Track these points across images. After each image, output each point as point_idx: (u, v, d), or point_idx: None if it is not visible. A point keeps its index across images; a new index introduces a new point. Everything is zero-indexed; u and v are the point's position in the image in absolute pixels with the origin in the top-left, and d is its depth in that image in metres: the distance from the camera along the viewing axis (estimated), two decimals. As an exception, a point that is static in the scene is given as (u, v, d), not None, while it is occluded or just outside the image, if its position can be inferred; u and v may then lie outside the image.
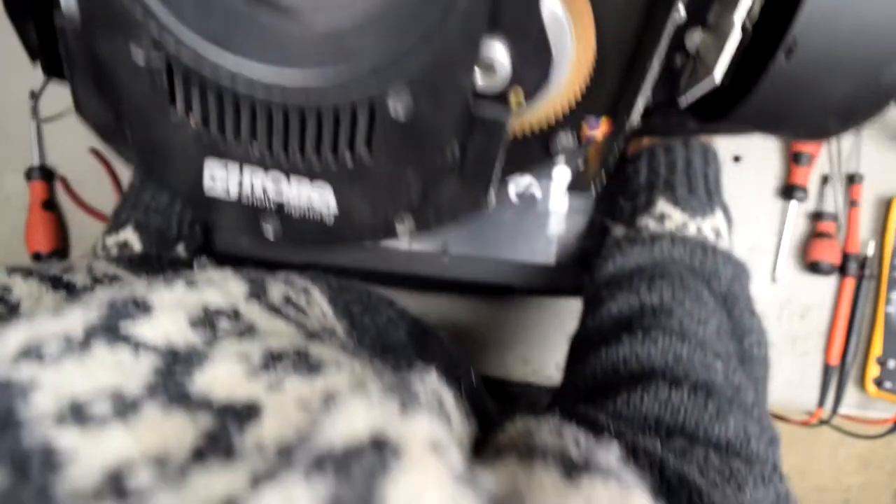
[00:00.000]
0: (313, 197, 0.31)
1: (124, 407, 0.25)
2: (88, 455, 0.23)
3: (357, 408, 0.23)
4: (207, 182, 0.30)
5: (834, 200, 0.85)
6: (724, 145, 0.86)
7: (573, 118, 0.32)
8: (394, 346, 0.55)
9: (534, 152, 0.33)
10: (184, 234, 0.76)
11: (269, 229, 0.32)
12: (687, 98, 0.35)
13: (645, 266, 0.60)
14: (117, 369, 0.27)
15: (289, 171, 0.30)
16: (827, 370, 0.85)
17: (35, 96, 0.87)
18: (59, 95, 0.87)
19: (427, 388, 0.27)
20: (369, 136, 0.28)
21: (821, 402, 0.85)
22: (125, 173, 0.88)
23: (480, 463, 0.27)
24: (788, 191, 0.85)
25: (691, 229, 0.63)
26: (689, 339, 0.52)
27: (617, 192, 0.72)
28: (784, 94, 0.33)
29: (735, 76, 0.34)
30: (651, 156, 0.68)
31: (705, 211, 0.64)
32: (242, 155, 0.30)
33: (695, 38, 0.35)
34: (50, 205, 0.88)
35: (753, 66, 0.33)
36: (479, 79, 0.28)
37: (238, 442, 0.24)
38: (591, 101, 0.31)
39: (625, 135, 0.32)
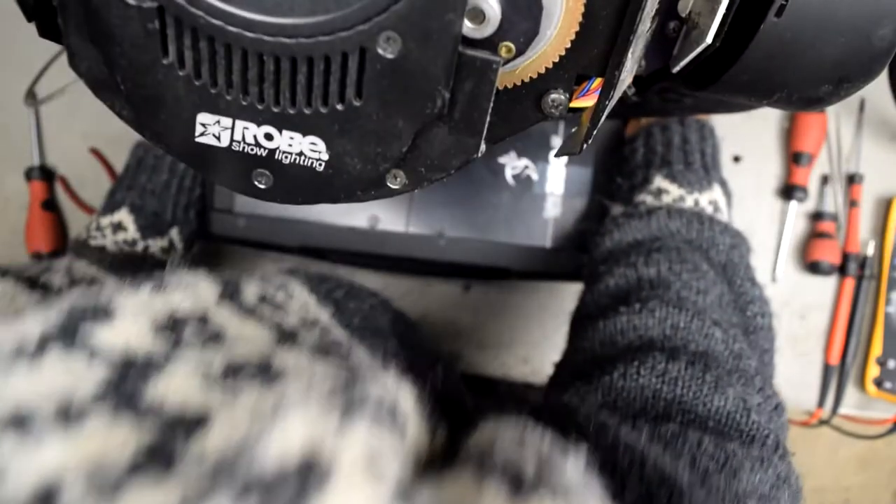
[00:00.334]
0: (305, 150, 0.31)
1: (69, 414, 0.25)
2: (21, 468, 0.22)
3: (296, 421, 0.23)
4: (199, 136, 0.31)
5: (834, 200, 0.85)
6: (724, 145, 0.86)
7: (563, 73, 0.32)
8: (380, 330, 0.55)
9: (526, 111, 0.33)
10: (178, 218, 0.76)
11: (261, 184, 0.32)
12: (680, 63, 0.36)
13: (642, 240, 0.60)
14: (68, 376, 0.27)
15: (281, 123, 0.30)
16: (827, 370, 0.85)
17: (33, 95, 0.88)
18: (58, 96, 0.88)
19: (379, 392, 0.27)
20: (359, 84, 0.28)
21: (821, 402, 0.85)
22: (125, 172, 0.88)
23: (435, 474, 0.27)
24: (788, 191, 0.85)
25: (688, 202, 0.63)
26: (687, 309, 0.51)
27: (615, 173, 0.72)
28: (775, 56, 0.33)
29: (728, 41, 0.34)
30: (648, 135, 0.69)
31: (702, 185, 0.65)
32: (235, 108, 0.30)
33: (687, 3, 0.35)
34: (50, 205, 0.88)
35: (746, 30, 0.33)
36: (470, 26, 0.28)
37: (180, 451, 0.24)
38: (581, 56, 0.31)
39: (615, 92, 0.32)
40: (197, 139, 0.30)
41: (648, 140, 0.69)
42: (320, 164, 0.31)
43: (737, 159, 0.86)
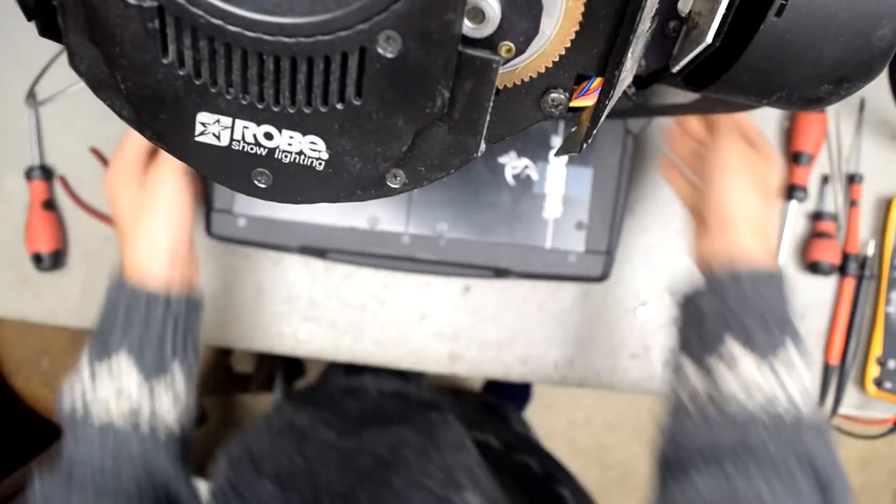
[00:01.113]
0: (305, 149, 0.31)
1: None
2: None
3: None
4: (199, 135, 0.31)
5: (834, 200, 0.86)
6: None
7: (563, 73, 0.32)
8: None
9: (525, 111, 0.33)
10: (178, 352, 0.71)
11: (261, 183, 0.32)
12: (680, 62, 0.36)
13: (733, 442, 0.59)
14: None
15: (280, 122, 0.30)
16: (827, 370, 0.85)
17: (33, 95, 0.88)
18: (58, 96, 0.88)
19: None
20: (359, 83, 0.28)
21: (821, 402, 0.85)
22: (125, 172, 0.88)
23: None
24: (788, 191, 0.85)
25: (765, 383, 0.61)
26: None
27: (684, 321, 0.69)
28: (775, 55, 0.33)
29: (728, 41, 0.34)
30: (719, 286, 0.66)
31: (776, 347, 0.62)
32: (235, 108, 0.30)
33: (687, 3, 0.35)
34: (50, 205, 0.88)
35: (746, 30, 0.33)
36: (470, 25, 0.28)
37: None
38: (580, 56, 0.31)
39: (615, 91, 0.32)
40: (197, 138, 0.30)
41: (721, 292, 0.65)
42: (320, 164, 0.31)
43: (737, 159, 0.86)
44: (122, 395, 0.67)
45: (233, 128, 0.30)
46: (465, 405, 0.94)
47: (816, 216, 0.85)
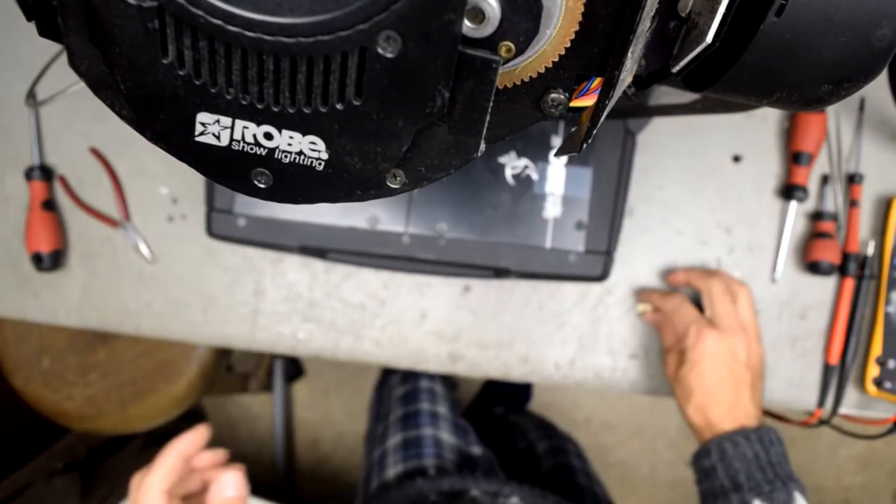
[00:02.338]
0: (305, 149, 0.31)
1: None
2: None
3: None
4: (199, 135, 0.31)
5: (834, 200, 0.85)
6: (724, 145, 0.86)
7: (563, 73, 0.32)
8: None
9: (525, 111, 0.33)
10: None
11: (261, 183, 0.32)
12: (680, 63, 0.36)
13: None
14: None
15: (280, 122, 0.30)
16: (827, 370, 0.85)
17: (34, 95, 0.88)
18: (58, 96, 0.88)
19: None
20: (359, 83, 0.28)
21: (821, 402, 0.85)
22: (125, 173, 0.88)
23: None
24: (788, 191, 0.85)
25: None
26: None
27: (697, 485, 0.75)
28: (775, 55, 0.33)
29: (728, 41, 0.34)
30: (721, 452, 0.72)
31: (790, 500, 0.68)
32: (234, 108, 0.30)
33: (687, 3, 0.35)
34: (50, 205, 0.88)
35: (746, 30, 0.33)
36: (470, 25, 0.28)
37: None
38: (580, 56, 0.31)
39: (615, 91, 0.32)
40: (196, 139, 0.30)
41: (724, 459, 0.72)
42: (320, 164, 0.31)
43: (737, 159, 0.86)
44: None
45: (233, 128, 0.30)
46: (524, 485, 0.95)
47: (816, 216, 0.85)
